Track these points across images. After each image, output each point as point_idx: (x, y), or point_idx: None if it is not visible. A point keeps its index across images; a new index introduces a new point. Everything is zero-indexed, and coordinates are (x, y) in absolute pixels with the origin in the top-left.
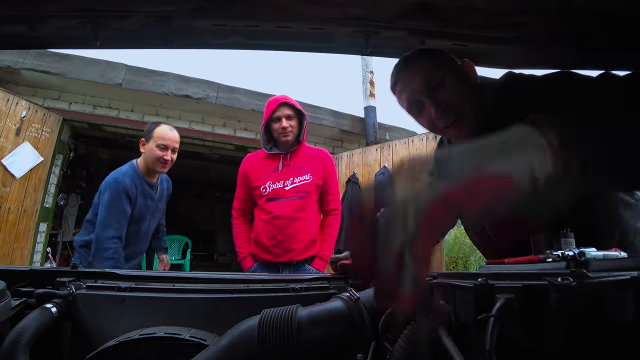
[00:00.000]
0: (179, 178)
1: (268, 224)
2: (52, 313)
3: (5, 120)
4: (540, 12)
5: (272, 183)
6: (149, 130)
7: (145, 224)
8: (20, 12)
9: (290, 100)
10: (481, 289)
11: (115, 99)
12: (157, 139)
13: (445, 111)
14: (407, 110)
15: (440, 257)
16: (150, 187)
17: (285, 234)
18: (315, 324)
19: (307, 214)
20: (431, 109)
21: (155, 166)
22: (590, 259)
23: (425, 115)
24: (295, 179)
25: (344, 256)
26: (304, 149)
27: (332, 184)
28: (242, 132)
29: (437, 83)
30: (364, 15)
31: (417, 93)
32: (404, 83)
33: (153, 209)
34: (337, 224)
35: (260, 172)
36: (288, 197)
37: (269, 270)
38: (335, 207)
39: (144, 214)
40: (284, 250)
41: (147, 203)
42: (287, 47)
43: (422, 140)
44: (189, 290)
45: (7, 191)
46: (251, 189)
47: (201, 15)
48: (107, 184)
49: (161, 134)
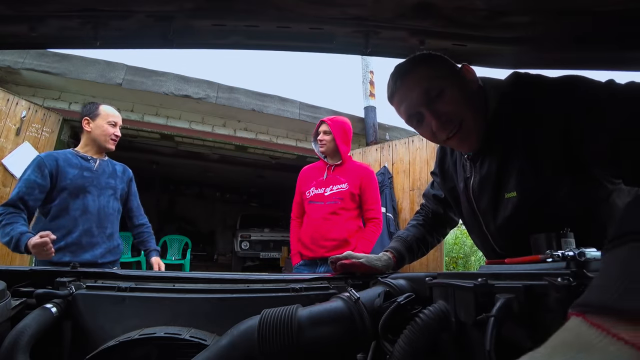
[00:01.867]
0: (179, 178)
1: (308, 223)
2: (52, 313)
3: (5, 120)
4: (540, 12)
5: (315, 189)
6: (92, 110)
7: (91, 199)
8: (20, 12)
9: (327, 120)
10: (481, 289)
11: (115, 99)
12: (106, 116)
13: (447, 122)
14: (407, 121)
15: (440, 257)
16: (86, 160)
17: (318, 233)
18: (315, 324)
19: (339, 217)
20: (432, 120)
21: (106, 143)
22: (590, 259)
23: (426, 126)
24: (334, 187)
25: (344, 256)
26: (348, 164)
27: (371, 194)
28: (242, 132)
29: (436, 94)
30: (364, 16)
31: (416, 105)
32: (402, 94)
33: (97, 182)
34: (376, 231)
35: (310, 179)
36: (325, 201)
37: (310, 265)
38: (374, 215)
39: (82, 186)
40: (318, 247)
41: (84, 174)
42: (287, 47)
43: (422, 141)
44: (189, 290)
45: (7, 191)
46: (301, 193)
47: (201, 15)
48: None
49: (110, 112)
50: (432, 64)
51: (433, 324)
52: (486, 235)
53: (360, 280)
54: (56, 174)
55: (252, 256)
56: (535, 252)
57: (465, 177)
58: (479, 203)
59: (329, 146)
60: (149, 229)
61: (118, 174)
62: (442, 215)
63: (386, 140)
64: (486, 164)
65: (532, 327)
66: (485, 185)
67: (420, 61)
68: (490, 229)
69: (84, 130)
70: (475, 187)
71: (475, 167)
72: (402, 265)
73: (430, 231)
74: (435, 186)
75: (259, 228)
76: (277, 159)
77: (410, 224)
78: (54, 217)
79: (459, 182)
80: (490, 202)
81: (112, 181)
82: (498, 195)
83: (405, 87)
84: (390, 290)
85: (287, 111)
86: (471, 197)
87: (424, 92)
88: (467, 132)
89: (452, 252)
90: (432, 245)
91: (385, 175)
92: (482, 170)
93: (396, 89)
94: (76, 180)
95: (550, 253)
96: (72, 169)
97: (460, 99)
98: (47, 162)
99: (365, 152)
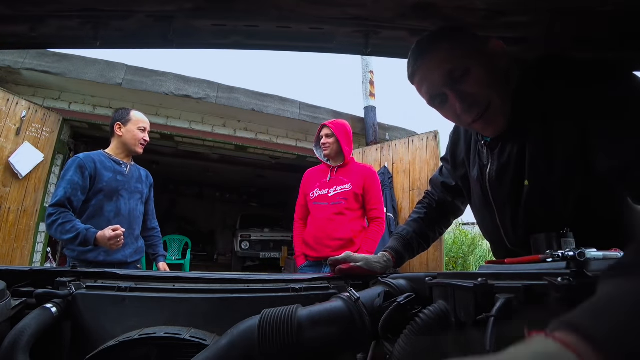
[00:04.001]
0: (179, 178)
1: (312, 224)
2: (52, 313)
3: (5, 120)
4: (540, 12)
5: (319, 190)
6: (124, 115)
7: (123, 202)
8: (20, 12)
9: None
10: (481, 289)
11: (115, 99)
12: (137, 122)
13: (473, 105)
14: (429, 103)
15: (440, 257)
16: (118, 165)
17: (323, 233)
18: (315, 324)
19: (344, 217)
20: (456, 102)
21: (136, 147)
22: (590, 259)
23: (449, 108)
24: (338, 187)
25: (342, 258)
26: (351, 165)
27: (373, 194)
28: (242, 132)
29: (460, 74)
30: (364, 15)
31: (439, 86)
32: (423, 74)
33: (128, 186)
34: (379, 231)
35: (313, 181)
36: (329, 202)
37: (315, 266)
38: (377, 215)
39: (116, 189)
40: (323, 247)
41: (117, 178)
42: (287, 47)
43: (422, 140)
44: (189, 290)
45: (7, 191)
46: (305, 195)
47: (201, 15)
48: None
49: (140, 118)
50: (455, 40)
51: (433, 324)
52: (498, 228)
53: (360, 280)
54: (94, 176)
55: (252, 256)
56: (535, 252)
57: (481, 164)
58: (496, 193)
59: (333, 148)
60: (159, 233)
61: (143, 178)
62: (448, 203)
63: (386, 140)
64: (506, 150)
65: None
66: (504, 174)
67: (443, 37)
68: (505, 221)
69: (115, 135)
70: (493, 176)
71: (494, 154)
72: (401, 264)
73: (431, 224)
74: (444, 173)
75: (259, 228)
76: (277, 159)
77: (411, 217)
78: (89, 217)
79: (472, 170)
80: (509, 192)
81: (140, 186)
82: (518, 185)
83: (426, 67)
84: (390, 290)
85: (287, 111)
86: (486, 186)
87: (447, 73)
88: (494, 114)
89: (451, 252)
90: (433, 240)
91: (386, 175)
92: (502, 157)
93: (417, 68)
94: (111, 183)
95: (550, 253)
96: (107, 172)
97: (487, 79)
98: (87, 163)
99: (365, 152)
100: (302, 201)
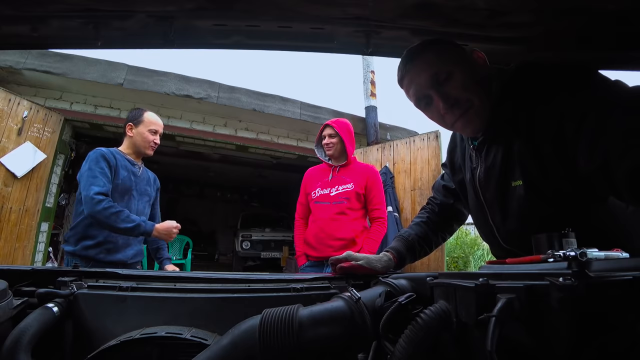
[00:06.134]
0: (180, 178)
1: (314, 224)
2: (53, 312)
3: (7, 120)
4: (541, 11)
5: (321, 189)
6: (137, 116)
7: (134, 202)
8: (22, 12)
9: (331, 123)
10: (482, 289)
11: (116, 99)
12: (149, 124)
13: (454, 105)
14: (416, 104)
15: (441, 257)
16: (132, 165)
17: (325, 232)
18: (316, 324)
19: (346, 217)
20: (439, 103)
21: (146, 149)
22: (592, 259)
23: (434, 109)
24: (340, 187)
25: (343, 257)
26: (353, 165)
27: (375, 194)
28: (243, 132)
29: (444, 77)
30: (365, 15)
31: (425, 88)
32: (411, 77)
33: (139, 187)
34: (381, 230)
35: (315, 180)
36: (331, 201)
37: (316, 266)
38: (379, 215)
39: (129, 188)
40: (325, 247)
41: (131, 177)
42: (288, 47)
43: (423, 140)
44: (190, 290)
45: (8, 191)
46: (307, 194)
47: (202, 15)
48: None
49: (152, 119)
50: (441, 47)
51: (434, 324)
52: (492, 227)
53: (361, 280)
54: (114, 171)
55: (253, 256)
56: (536, 252)
57: (471, 167)
58: (485, 193)
59: (337, 148)
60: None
61: (151, 182)
62: (450, 208)
63: (387, 140)
64: (492, 152)
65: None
66: (491, 175)
67: (430, 45)
68: (496, 221)
69: (127, 135)
70: (482, 177)
71: (481, 157)
72: (403, 265)
73: (434, 229)
74: (445, 178)
75: (260, 228)
76: (278, 159)
77: (414, 221)
78: None
79: (466, 173)
80: (496, 192)
81: (149, 188)
82: (504, 185)
83: (414, 70)
84: (391, 290)
85: (288, 111)
86: (477, 188)
87: (432, 75)
88: (473, 115)
89: (453, 252)
90: (436, 244)
91: (387, 175)
92: (488, 159)
93: (405, 72)
94: (125, 182)
95: (552, 253)
96: (123, 170)
97: (468, 83)
98: (109, 157)
99: (366, 152)
100: (303, 200)
